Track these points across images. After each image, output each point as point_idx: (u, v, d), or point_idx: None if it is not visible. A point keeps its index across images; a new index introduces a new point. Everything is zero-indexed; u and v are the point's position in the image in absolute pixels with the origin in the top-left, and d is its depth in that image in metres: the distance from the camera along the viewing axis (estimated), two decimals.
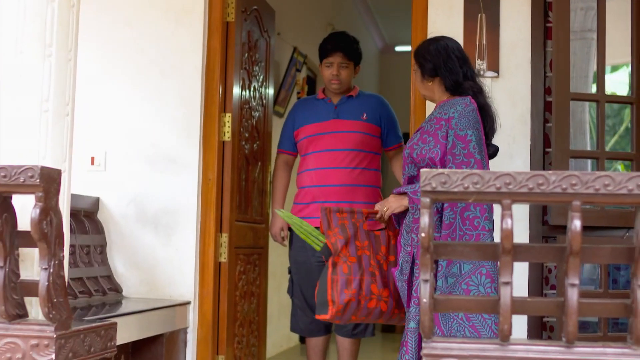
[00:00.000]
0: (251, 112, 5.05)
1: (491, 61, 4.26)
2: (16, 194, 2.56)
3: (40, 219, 2.51)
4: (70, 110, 2.93)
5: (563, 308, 2.42)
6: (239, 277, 4.83)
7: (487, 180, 2.33)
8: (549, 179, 2.31)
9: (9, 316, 2.61)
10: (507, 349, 2.43)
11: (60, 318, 2.62)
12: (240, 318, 4.85)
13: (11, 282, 2.62)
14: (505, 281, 2.39)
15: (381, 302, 3.64)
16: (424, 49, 3.61)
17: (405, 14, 10.49)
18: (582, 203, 2.31)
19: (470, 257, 2.48)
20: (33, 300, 2.82)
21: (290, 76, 6.78)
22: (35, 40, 2.83)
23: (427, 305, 2.42)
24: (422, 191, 2.38)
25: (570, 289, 2.37)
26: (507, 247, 2.33)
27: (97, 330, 2.90)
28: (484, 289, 3.23)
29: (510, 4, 4.28)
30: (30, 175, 2.47)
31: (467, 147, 3.32)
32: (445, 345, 2.45)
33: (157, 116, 4.54)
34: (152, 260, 4.48)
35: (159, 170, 4.52)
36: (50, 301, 2.57)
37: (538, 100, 4.23)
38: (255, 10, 5.09)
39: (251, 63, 5.04)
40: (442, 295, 2.46)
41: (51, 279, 2.57)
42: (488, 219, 3.31)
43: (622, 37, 4.60)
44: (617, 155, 4.16)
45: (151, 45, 4.56)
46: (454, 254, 2.52)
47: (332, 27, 8.75)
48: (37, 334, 2.59)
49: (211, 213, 4.54)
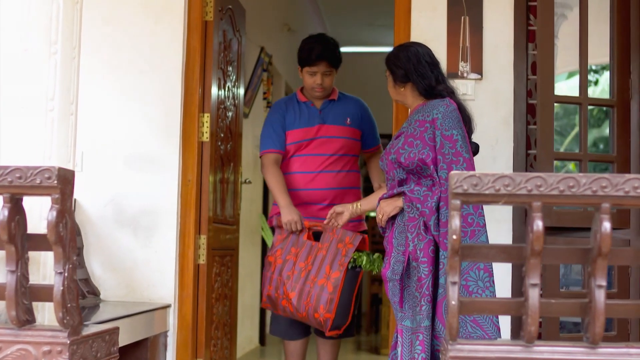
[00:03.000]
0: (226, 112, 5.00)
1: (474, 63, 4.29)
2: (31, 195, 2.48)
3: (57, 222, 2.43)
4: (74, 109, 2.86)
5: (587, 309, 2.44)
6: (215, 279, 4.77)
7: (518, 182, 2.34)
8: (579, 182, 2.32)
9: (20, 322, 2.53)
10: (532, 351, 2.43)
11: (73, 323, 2.55)
12: (216, 320, 4.80)
13: (22, 286, 2.53)
14: (533, 283, 2.40)
15: (289, 303, 4.20)
16: (394, 56, 3.69)
17: (352, 15, 10.61)
18: (611, 205, 2.33)
19: (496, 259, 2.49)
20: (39, 305, 2.74)
21: (256, 76, 6.73)
22: (40, 37, 2.76)
23: (455, 308, 2.42)
24: (453, 193, 2.37)
25: (597, 291, 2.39)
26: (537, 249, 2.34)
27: (103, 335, 2.83)
28: (483, 283, 3.32)
29: (493, 7, 4.32)
30: (47, 177, 2.40)
31: (454, 147, 3.40)
32: (472, 347, 2.45)
33: (136, 116, 4.46)
34: (130, 263, 4.40)
35: (137, 170, 4.43)
36: (64, 306, 2.50)
37: (521, 102, 4.27)
38: (229, 9, 5.04)
39: (226, 63, 4.99)
40: (467, 298, 2.46)
41: (66, 284, 2.50)
42: (481, 215, 3.39)
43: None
44: (599, 158, 4.22)
45: (130, 43, 4.47)
46: (479, 256, 2.52)
47: (287, 27, 8.73)
48: (50, 340, 2.52)
49: (191, 214, 4.47)
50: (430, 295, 3.33)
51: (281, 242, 4.35)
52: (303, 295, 4.18)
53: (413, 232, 3.40)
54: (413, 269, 3.40)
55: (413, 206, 3.42)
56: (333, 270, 4.17)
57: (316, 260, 4.23)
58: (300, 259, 4.26)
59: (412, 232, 3.41)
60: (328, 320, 4.13)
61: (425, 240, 3.37)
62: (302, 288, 4.19)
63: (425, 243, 3.36)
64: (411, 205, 3.43)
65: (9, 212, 2.43)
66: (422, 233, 3.38)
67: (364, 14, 10.63)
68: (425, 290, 3.33)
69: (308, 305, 4.16)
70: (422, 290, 3.33)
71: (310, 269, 4.22)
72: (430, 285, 3.34)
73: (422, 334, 3.31)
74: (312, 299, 4.15)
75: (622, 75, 4.18)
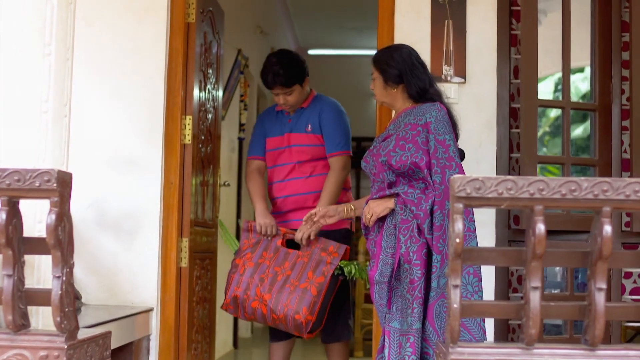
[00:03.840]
0: (206, 114, 4.98)
1: (458, 67, 4.31)
2: (29, 198, 2.45)
3: (56, 225, 2.41)
4: (67, 111, 2.83)
5: (586, 312, 2.46)
6: (196, 282, 4.75)
7: (520, 186, 2.35)
8: (581, 185, 2.34)
9: (16, 326, 2.50)
10: (532, 353, 2.45)
11: (70, 328, 2.53)
12: (197, 324, 4.77)
13: (18, 290, 2.50)
14: (535, 286, 2.42)
15: (262, 304, 4.24)
16: (386, 56, 3.67)
17: (322, 17, 10.61)
18: (612, 209, 2.36)
19: (496, 262, 2.51)
20: (32, 310, 2.71)
21: (233, 78, 6.72)
22: (34, 38, 2.73)
23: (457, 311, 2.43)
24: (456, 197, 2.38)
25: (597, 293, 2.41)
26: (539, 252, 2.36)
27: (97, 339, 2.80)
28: (472, 288, 3.34)
29: (476, 11, 4.34)
30: (46, 180, 2.38)
31: (447, 151, 3.43)
32: (472, 350, 2.46)
33: (118, 117, 4.41)
34: (112, 266, 4.35)
35: (119, 173, 4.39)
36: (62, 310, 2.47)
37: (504, 106, 4.30)
38: (210, 11, 5.02)
39: (206, 65, 4.96)
40: (467, 301, 2.47)
41: (64, 288, 2.47)
42: (472, 220, 3.41)
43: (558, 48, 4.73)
44: (581, 161, 4.27)
45: (112, 44, 4.42)
46: (479, 260, 2.53)
47: (260, 29, 8.72)
48: (47, 344, 2.49)
49: (174, 217, 4.44)
50: (422, 298, 3.34)
51: (250, 246, 4.41)
52: (282, 297, 4.20)
53: (406, 235, 3.40)
54: (404, 271, 3.40)
55: (407, 208, 3.42)
56: (316, 275, 4.20)
57: (296, 266, 4.28)
58: (274, 263, 4.31)
59: (404, 234, 3.42)
60: (309, 322, 4.15)
61: (418, 243, 3.37)
62: (280, 290, 4.22)
63: (419, 246, 3.37)
64: (404, 208, 3.43)
65: (6, 215, 2.40)
66: (415, 235, 3.38)
67: (334, 16, 10.65)
68: (417, 292, 3.33)
69: (287, 307, 4.17)
70: (415, 293, 3.34)
71: (289, 274, 4.27)
72: (423, 288, 3.35)
73: (414, 336, 3.32)
74: (293, 301, 4.17)
75: (603, 80, 4.23)
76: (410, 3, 4.37)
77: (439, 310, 3.33)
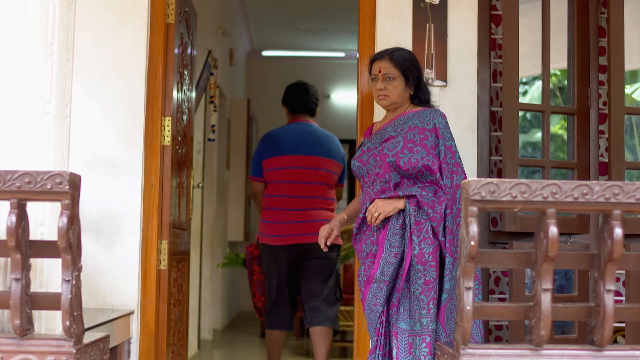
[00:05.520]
0: (182, 116, 4.94)
1: (439, 70, 4.35)
2: (40, 201, 2.41)
3: (68, 228, 2.38)
4: (69, 113, 2.79)
5: (593, 313, 2.51)
6: (173, 285, 4.71)
7: (534, 189, 2.39)
8: (593, 189, 2.39)
9: (23, 331, 2.46)
10: (542, 354, 2.49)
11: (78, 332, 2.49)
12: (174, 327, 4.74)
13: (25, 294, 2.46)
14: (546, 288, 2.45)
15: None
16: (410, 58, 3.74)
17: (276, 18, 10.61)
18: (622, 212, 2.40)
19: (507, 265, 2.54)
20: (35, 314, 2.67)
21: (202, 80, 6.68)
22: (37, 38, 2.68)
23: (469, 312, 2.45)
24: (471, 200, 2.41)
25: (607, 295, 2.45)
26: (551, 254, 2.39)
27: (98, 343, 2.77)
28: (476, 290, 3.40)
29: (458, 15, 4.38)
30: (58, 182, 2.34)
31: (454, 157, 3.56)
32: (483, 351, 2.49)
33: (98, 118, 4.36)
34: (92, 269, 4.29)
35: (99, 174, 4.34)
36: (71, 315, 2.44)
37: (484, 109, 4.34)
38: (186, 12, 4.99)
39: (183, 66, 4.93)
40: (478, 303, 2.50)
41: (73, 292, 2.44)
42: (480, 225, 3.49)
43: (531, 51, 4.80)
44: (561, 164, 4.33)
45: (92, 45, 4.37)
46: (490, 262, 2.56)
47: (222, 30, 8.67)
48: (55, 349, 2.46)
49: (154, 219, 4.40)
50: (437, 299, 3.39)
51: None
52: None
53: (419, 236, 3.45)
54: (417, 272, 3.45)
55: (420, 210, 3.49)
56: None
57: None
58: None
59: (418, 235, 3.46)
60: None
61: (433, 245, 3.43)
62: None
63: (434, 248, 3.43)
64: (417, 209, 3.49)
65: (16, 218, 2.37)
66: (430, 237, 3.44)
67: (289, 18, 10.65)
68: (433, 294, 3.40)
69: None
70: (431, 294, 3.40)
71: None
72: (437, 289, 3.41)
73: (429, 336, 3.38)
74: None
75: (581, 84, 4.29)
76: (392, 6, 4.39)
77: (450, 312, 3.40)
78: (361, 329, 4.28)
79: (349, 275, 7.04)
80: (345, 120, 11.40)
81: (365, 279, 3.59)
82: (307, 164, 5.34)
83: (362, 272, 3.63)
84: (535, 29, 4.40)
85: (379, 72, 3.69)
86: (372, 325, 3.58)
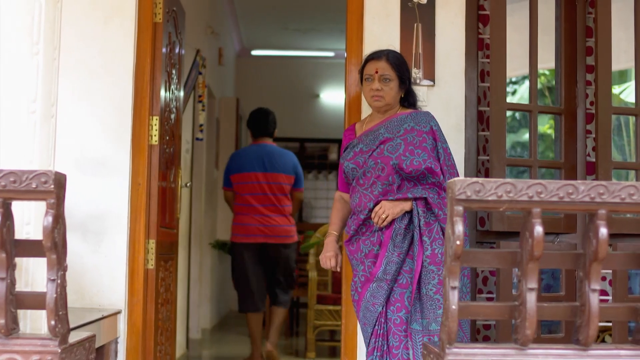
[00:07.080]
0: (170, 115, 4.94)
1: (427, 70, 4.35)
2: (25, 200, 2.41)
3: (53, 228, 2.37)
4: (54, 112, 2.78)
5: (578, 313, 2.51)
6: (161, 284, 4.71)
7: (519, 189, 2.39)
8: (578, 188, 2.39)
9: (8, 330, 2.45)
10: (527, 354, 2.49)
11: (64, 332, 2.49)
12: (161, 326, 4.73)
13: (10, 294, 2.46)
14: (531, 287, 2.46)
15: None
16: (403, 61, 3.79)
17: (266, 18, 10.62)
18: (608, 211, 2.41)
19: (492, 264, 2.54)
20: (21, 313, 2.66)
21: (190, 79, 6.67)
22: (22, 37, 2.67)
23: (455, 312, 2.46)
24: (456, 199, 2.41)
25: (592, 295, 2.46)
26: (536, 254, 2.39)
27: (84, 343, 2.76)
28: (466, 289, 3.51)
29: (445, 15, 4.39)
30: (43, 181, 2.33)
31: (450, 159, 3.64)
32: (469, 351, 2.49)
33: (86, 118, 4.35)
34: (79, 268, 4.28)
35: (86, 174, 4.33)
36: (56, 314, 2.43)
37: (472, 109, 4.35)
38: (174, 11, 4.98)
39: (171, 65, 4.92)
40: (463, 302, 2.50)
41: (58, 291, 2.43)
42: (468, 225, 3.52)
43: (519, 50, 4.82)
44: (548, 164, 4.34)
45: (79, 44, 4.36)
46: (476, 262, 2.56)
47: (211, 29, 8.66)
48: (40, 349, 2.45)
49: (141, 219, 4.40)
50: None
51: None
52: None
53: (430, 237, 3.48)
54: (430, 272, 3.48)
55: (430, 212, 3.53)
56: None
57: None
58: None
59: (429, 236, 3.50)
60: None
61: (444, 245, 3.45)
62: None
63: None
64: (426, 211, 3.52)
65: (1, 217, 2.36)
66: (441, 238, 3.48)
67: (278, 17, 10.65)
68: None
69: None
70: None
71: None
72: None
73: (417, 336, 3.39)
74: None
75: (569, 84, 4.30)
76: (380, 6, 4.40)
77: None
78: (348, 329, 4.29)
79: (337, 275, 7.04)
80: (334, 119, 11.41)
81: (363, 279, 3.58)
82: (266, 179, 6.58)
83: (361, 272, 3.60)
84: (523, 29, 4.42)
85: (375, 73, 3.68)
86: (368, 326, 3.54)
